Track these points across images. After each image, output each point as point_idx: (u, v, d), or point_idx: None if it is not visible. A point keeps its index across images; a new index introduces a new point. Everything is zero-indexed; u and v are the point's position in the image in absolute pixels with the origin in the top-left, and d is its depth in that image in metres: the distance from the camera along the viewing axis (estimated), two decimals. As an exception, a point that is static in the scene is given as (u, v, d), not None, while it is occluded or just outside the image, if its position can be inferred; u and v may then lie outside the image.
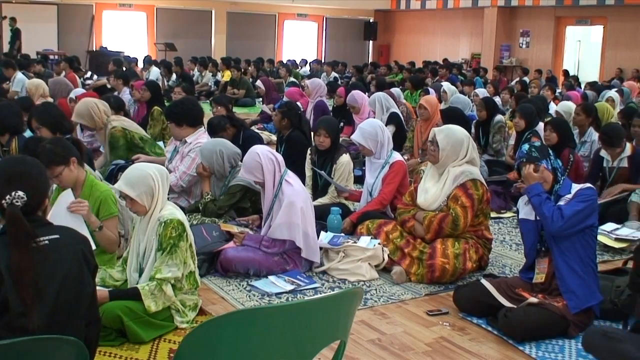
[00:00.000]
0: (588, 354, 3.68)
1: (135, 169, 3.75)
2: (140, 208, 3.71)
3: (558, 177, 4.02)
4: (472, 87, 12.85)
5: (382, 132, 5.57)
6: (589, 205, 3.89)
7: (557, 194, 4.00)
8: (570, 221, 3.83)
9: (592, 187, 4.03)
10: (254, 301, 4.29)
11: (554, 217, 3.84)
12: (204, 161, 5.55)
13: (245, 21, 25.43)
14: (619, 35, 20.29)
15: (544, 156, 4.02)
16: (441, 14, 25.70)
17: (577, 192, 3.96)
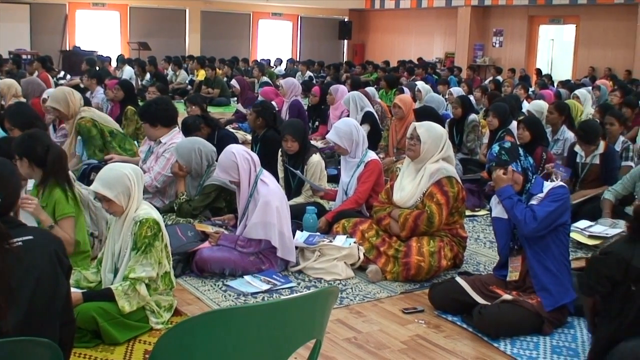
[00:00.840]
0: (562, 350, 3.72)
1: (110, 170, 3.72)
2: (118, 208, 3.69)
3: (529, 177, 4.04)
4: (447, 86, 12.91)
5: (357, 131, 5.58)
6: (561, 205, 3.91)
7: (529, 192, 4.03)
8: (544, 223, 3.86)
9: (564, 186, 4.05)
10: (229, 301, 4.28)
11: (527, 220, 3.87)
12: (180, 160, 5.50)
13: (220, 20, 25.33)
14: (592, 34, 20.51)
15: (513, 158, 4.02)
16: (415, 14, 25.79)
17: (549, 192, 3.97)
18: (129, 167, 3.74)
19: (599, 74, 18.93)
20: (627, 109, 8.86)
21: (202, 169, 5.54)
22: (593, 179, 6.48)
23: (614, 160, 6.49)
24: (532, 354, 3.69)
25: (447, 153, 4.84)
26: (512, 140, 4.25)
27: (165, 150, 5.80)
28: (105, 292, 3.61)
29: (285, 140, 5.74)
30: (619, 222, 5.74)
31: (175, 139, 5.84)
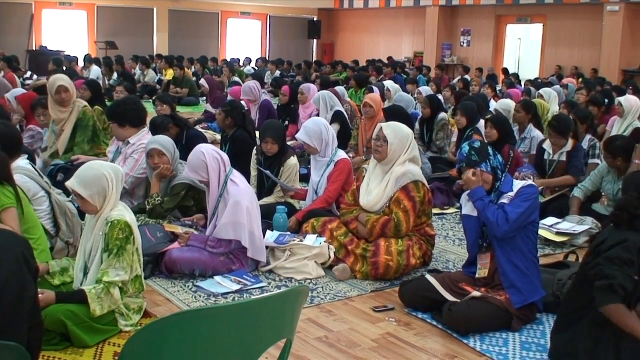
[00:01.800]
0: (531, 346, 3.76)
1: (90, 168, 3.68)
2: (91, 208, 3.65)
3: (498, 175, 4.07)
4: (415, 85, 12.98)
5: (326, 130, 5.59)
6: (531, 204, 3.95)
7: (499, 190, 4.06)
8: (515, 224, 3.90)
9: (533, 185, 4.10)
10: (199, 302, 4.26)
11: (499, 222, 3.89)
12: (167, 152, 5.34)
13: (188, 19, 25.19)
14: (558, 33, 20.76)
15: (482, 158, 4.04)
16: (384, 13, 25.89)
17: (519, 191, 4.00)
18: (109, 167, 3.70)
19: (565, 72, 19.17)
20: (593, 107, 8.98)
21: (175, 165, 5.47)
22: (560, 175, 6.55)
23: (579, 156, 6.58)
24: (501, 350, 3.72)
25: (412, 153, 4.86)
26: (480, 139, 4.26)
27: (133, 151, 5.74)
28: (78, 294, 3.57)
29: (265, 142, 5.72)
30: (586, 219, 5.83)
31: (143, 140, 5.77)
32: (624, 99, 8.70)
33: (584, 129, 7.29)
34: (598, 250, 3.28)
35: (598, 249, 3.29)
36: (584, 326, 3.32)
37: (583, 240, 5.65)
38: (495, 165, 4.07)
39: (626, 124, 8.33)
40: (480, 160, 4.04)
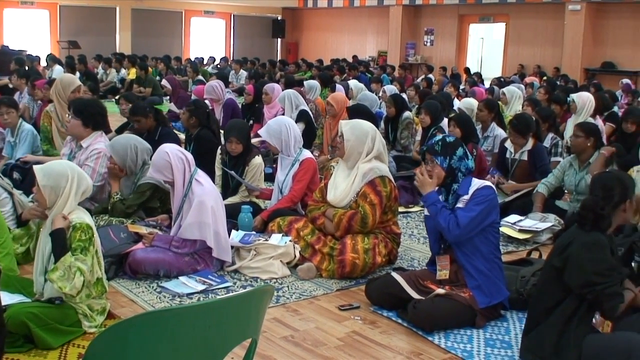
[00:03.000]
0: (495, 343, 3.80)
1: (60, 164, 3.74)
2: (40, 199, 3.64)
3: (457, 177, 4.05)
4: (380, 84, 13.03)
5: (287, 130, 5.57)
6: (485, 207, 3.93)
7: (456, 193, 4.06)
8: (467, 228, 3.91)
9: (489, 187, 4.05)
10: (164, 302, 4.22)
11: (451, 227, 3.92)
12: (115, 157, 5.32)
13: (151, 18, 25.01)
14: (521, 32, 21.00)
15: (444, 153, 4.03)
16: (348, 12, 25.96)
17: (474, 193, 3.99)
18: (76, 172, 3.70)
19: (528, 71, 19.39)
20: (555, 106, 9.10)
21: (136, 167, 5.40)
22: (522, 174, 6.63)
23: (543, 156, 6.66)
24: (466, 347, 3.75)
25: (378, 151, 4.88)
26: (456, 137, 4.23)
27: (87, 158, 5.58)
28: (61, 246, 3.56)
29: (229, 142, 5.70)
30: (549, 216, 5.90)
31: (96, 145, 5.63)
32: (576, 96, 8.84)
33: (546, 127, 7.39)
34: (568, 253, 3.30)
35: (567, 250, 3.31)
36: (551, 322, 3.36)
37: (546, 237, 5.72)
38: (455, 167, 4.03)
39: (581, 120, 8.44)
40: (440, 154, 4.04)
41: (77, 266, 3.53)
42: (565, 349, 3.31)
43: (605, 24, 19.11)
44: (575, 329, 3.30)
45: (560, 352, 3.32)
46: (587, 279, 3.22)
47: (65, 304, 3.62)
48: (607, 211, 3.31)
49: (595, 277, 3.21)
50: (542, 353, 3.38)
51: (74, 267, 3.52)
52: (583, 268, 3.23)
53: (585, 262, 3.23)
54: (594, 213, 3.30)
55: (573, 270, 3.26)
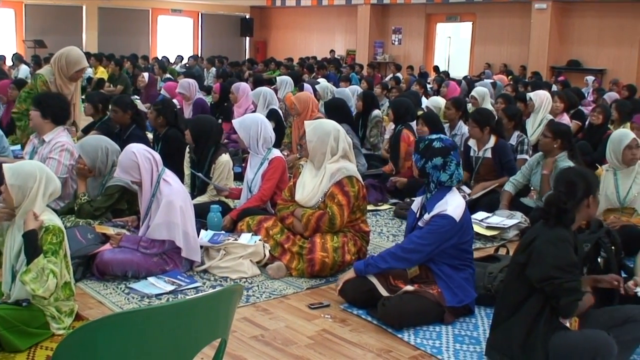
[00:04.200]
0: (464, 339, 3.83)
1: (30, 164, 3.69)
2: (8, 198, 3.60)
3: (430, 183, 4.03)
4: (348, 83, 13.06)
5: (257, 128, 5.56)
6: (437, 237, 3.91)
7: (424, 206, 4.06)
8: (419, 253, 3.95)
9: (446, 217, 3.91)
10: (133, 304, 4.19)
11: (397, 254, 4.01)
12: (85, 157, 5.26)
13: (118, 17, 24.81)
14: (487, 31, 21.19)
15: (423, 154, 4.01)
16: (316, 11, 25.98)
17: (431, 219, 3.95)
18: (45, 174, 3.65)
19: (494, 70, 19.57)
20: (520, 104, 9.19)
21: (106, 169, 5.35)
22: (486, 172, 6.70)
23: (507, 153, 6.72)
24: (435, 344, 3.78)
25: (344, 150, 4.88)
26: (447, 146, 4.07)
27: (51, 151, 5.51)
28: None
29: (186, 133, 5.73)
30: (516, 214, 5.96)
31: (59, 139, 5.57)
32: (534, 94, 8.96)
33: (512, 125, 7.46)
34: (532, 248, 3.33)
35: (531, 246, 3.34)
36: (518, 320, 3.38)
37: (513, 234, 5.78)
38: (428, 172, 4.00)
39: (539, 117, 8.57)
40: (419, 152, 4.04)
41: (50, 268, 3.49)
42: (533, 348, 3.33)
43: (570, 22, 19.36)
44: (542, 327, 3.33)
45: (528, 351, 3.34)
46: (547, 273, 3.25)
47: (33, 306, 3.58)
48: (569, 206, 3.34)
49: (554, 272, 3.23)
50: (509, 352, 3.40)
51: (47, 269, 3.49)
52: (544, 262, 3.27)
53: (547, 256, 3.27)
54: (557, 208, 3.34)
55: (535, 264, 3.30)
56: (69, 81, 6.33)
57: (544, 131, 6.17)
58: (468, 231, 4.06)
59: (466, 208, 4.06)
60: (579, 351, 3.27)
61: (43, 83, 6.26)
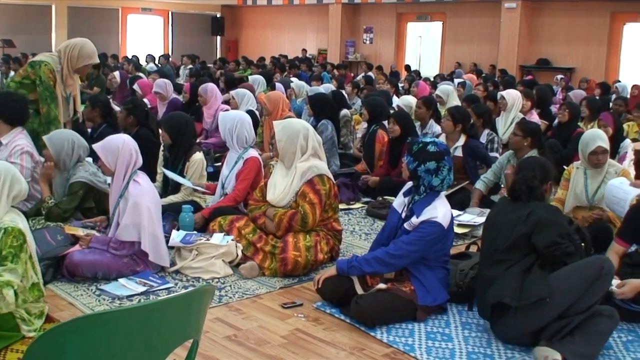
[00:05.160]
0: (436, 336, 3.85)
1: None
2: None
3: (420, 185, 4.03)
4: (320, 82, 13.06)
5: (233, 125, 5.58)
6: (425, 244, 3.93)
7: (411, 208, 4.05)
8: (407, 257, 3.96)
9: (437, 225, 3.94)
10: (104, 305, 4.16)
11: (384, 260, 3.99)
12: (51, 148, 5.18)
13: (87, 16, 24.58)
14: (457, 30, 21.32)
15: (416, 157, 4.00)
16: (288, 10, 25.95)
17: (419, 225, 3.95)
18: (10, 175, 3.57)
19: (465, 69, 19.69)
20: (491, 102, 9.26)
21: (70, 162, 5.28)
22: (456, 170, 6.72)
23: (478, 150, 6.77)
24: (407, 341, 3.80)
25: (314, 149, 4.89)
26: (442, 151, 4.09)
27: (10, 155, 5.30)
28: None
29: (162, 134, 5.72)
30: (487, 211, 5.99)
31: (18, 141, 5.36)
32: (505, 93, 9.03)
33: (481, 123, 7.52)
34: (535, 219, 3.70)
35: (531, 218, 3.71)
36: (511, 273, 3.70)
37: (484, 231, 5.82)
38: (420, 175, 4.00)
39: (511, 116, 8.64)
40: (412, 154, 4.03)
41: (4, 282, 3.42)
42: (532, 284, 3.61)
43: (540, 21, 19.54)
44: (537, 271, 3.66)
45: (530, 287, 3.59)
46: (553, 240, 3.65)
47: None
48: (536, 183, 3.83)
49: (559, 238, 3.66)
50: (510, 292, 3.62)
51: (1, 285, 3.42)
52: (550, 230, 3.67)
53: (552, 225, 3.70)
54: (526, 185, 3.81)
55: (541, 233, 3.67)
56: (74, 73, 6.13)
57: (514, 129, 6.23)
58: (451, 236, 4.12)
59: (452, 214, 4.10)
60: (579, 276, 3.57)
61: (50, 71, 5.96)
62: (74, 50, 6.07)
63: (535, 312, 3.58)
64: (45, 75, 5.94)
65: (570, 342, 3.49)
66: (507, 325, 3.71)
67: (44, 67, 5.95)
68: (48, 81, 5.97)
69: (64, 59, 6.04)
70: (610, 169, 5.51)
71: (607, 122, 7.24)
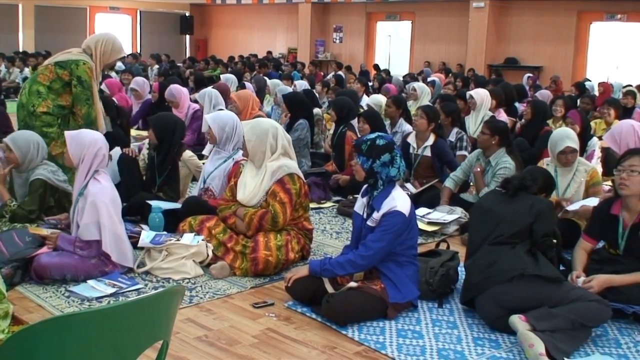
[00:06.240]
0: (407, 334, 3.87)
1: None
2: None
3: (378, 181, 4.05)
4: (290, 81, 13.05)
5: (233, 125, 5.58)
6: (392, 236, 3.95)
7: (371, 205, 4.08)
8: (375, 257, 3.97)
9: (397, 214, 3.96)
10: (73, 307, 4.11)
11: (356, 264, 3.99)
12: (16, 150, 5.14)
13: (55, 15, 24.34)
14: (426, 30, 21.45)
15: (368, 155, 4.01)
16: (257, 9, 25.91)
17: (382, 220, 3.98)
18: None
19: (433, 68, 19.81)
20: (460, 101, 9.33)
21: (35, 164, 5.23)
22: (425, 169, 6.79)
23: (446, 152, 6.82)
24: (378, 339, 3.81)
25: (284, 148, 4.88)
26: (389, 142, 4.10)
27: None
28: None
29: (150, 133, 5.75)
30: (456, 209, 6.05)
31: None
32: (474, 92, 9.10)
33: (449, 122, 7.57)
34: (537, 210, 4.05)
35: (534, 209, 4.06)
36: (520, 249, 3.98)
37: (453, 229, 5.87)
38: (377, 171, 4.02)
39: (481, 115, 8.72)
40: (364, 154, 4.03)
41: None
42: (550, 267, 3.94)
43: (508, 20, 19.73)
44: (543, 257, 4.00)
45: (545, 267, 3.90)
46: (550, 230, 4.08)
47: (-33, 311, 3.48)
48: (529, 184, 4.20)
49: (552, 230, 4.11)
50: (524, 265, 3.86)
51: None
52: (550, 221, 4.09)
53: (551, 218, 4.14)
54: (519, 181, 4.20)
55: (543, 223, 4.03)
56: (101, 68, 5.97)
57: (482, 128, 6.28)
58: (414, 224, 4.14)
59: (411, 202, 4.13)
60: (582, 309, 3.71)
61: (90, 70, 5.77)
62: (107, 45, 5.89)
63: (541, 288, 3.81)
64: (87, 75, 5.76)
65: (552, 336, 3.55)
66: (507, 292, 3.84)
67: (83, 66, 5.75)
68: (90, 81, 5.78)
69: (96, 55, 5.85)
70: (580, 167, 5.58)
71: (574, 119, 7.32)
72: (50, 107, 5.69)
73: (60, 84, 5.73)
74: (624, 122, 5.58)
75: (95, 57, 5.84)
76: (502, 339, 3.83)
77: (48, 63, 5.87)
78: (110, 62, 6.01)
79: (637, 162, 4.07)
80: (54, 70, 5.76)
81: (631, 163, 4.09)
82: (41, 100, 5.68)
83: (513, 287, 3.82)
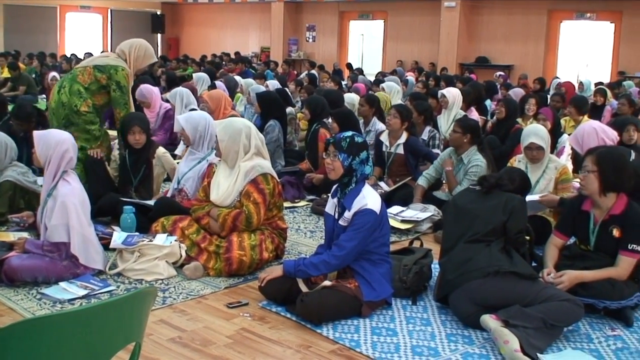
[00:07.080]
0: (381, 331, 3.89)
1: None
2: None
3: (352, 178, 4.03)
4: (263, 80, 13.03)
5: (206, 124, 5.56)
6: (365, 235, 3.95)
7: (342, 204, 4.08)
8: (349, 256, 3.97)
9: (368, 213, 3.97)
10: (45, 310, 4.07)
11: (330, 264, 4.00)
12: None
13: (24, 14, 24.05)
14: (399, 29, 21.53)
15: (349, 152, 4.00)
16: (229, 8, 25.83)
17: (354, 218, 3.98)
18: None
19: (406, 67, 19.89)
20: (432, 100, 9.38)
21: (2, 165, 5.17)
22: (398, 167, 6.82)
23: (419, 147, 6.86)
24: (353, 337, 3.81)
25: (257, 148, 4.87)
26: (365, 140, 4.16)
27: None
28: None
29: (132, 133, 5.65)
30: (429, 207, 6.08)
31: None
32: (446, 91, 9.16)
33: (422, 120, 7.61)
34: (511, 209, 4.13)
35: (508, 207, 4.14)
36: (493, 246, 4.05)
37: (427, 227, 5.90)
38: (355, 168, 4.02)
39: (453, 114, 8.77)
40: (345, 151, 4.01)
41: None
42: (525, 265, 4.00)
43: (479, 20, 19.87)
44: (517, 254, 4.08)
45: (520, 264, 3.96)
46: (524, 227, 4.20)
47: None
48: (505, 183, 4.30)
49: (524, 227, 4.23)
50: (499, 262, 3.91)
51: None
52: (523, 219, 4.20)
53: (524, 216, 4.23)
54: (495, 180, 4.29)
55: (516, 220, 4.13)
56: (134, 72, 6.10)
57: (454, 127, 6.32)
58: (386, 221, 4.14)
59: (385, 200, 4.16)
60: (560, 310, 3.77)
61: (128, 76, 5.95)
62: (140, 50, 6.07)
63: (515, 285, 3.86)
64: (125, 80, 5.93)
65: (525, 332, 3.58)
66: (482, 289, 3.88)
67: (121, 72, 5.92)
68: (127, 86, 5.96)
69: (131, 60, 6.02)
70: (551, 165, 5.63)
71: (546, 116, 7.40)
72: (90, 107, 5.89)
73: (96, 86, 5.93)
74: (587, 125, 5.64)
75: (129, 62, 6.04)
76: (475, 335, 3.86)
77: (86, 65, 6.05)
78: (142, 67, 6.20)
79: (589, 163, 4.15)
80: (92, 73, 5.94)
81: (585, 164, 4.18)
82: (82, 100, 5.87)
83: (487, 283, 3.86)
